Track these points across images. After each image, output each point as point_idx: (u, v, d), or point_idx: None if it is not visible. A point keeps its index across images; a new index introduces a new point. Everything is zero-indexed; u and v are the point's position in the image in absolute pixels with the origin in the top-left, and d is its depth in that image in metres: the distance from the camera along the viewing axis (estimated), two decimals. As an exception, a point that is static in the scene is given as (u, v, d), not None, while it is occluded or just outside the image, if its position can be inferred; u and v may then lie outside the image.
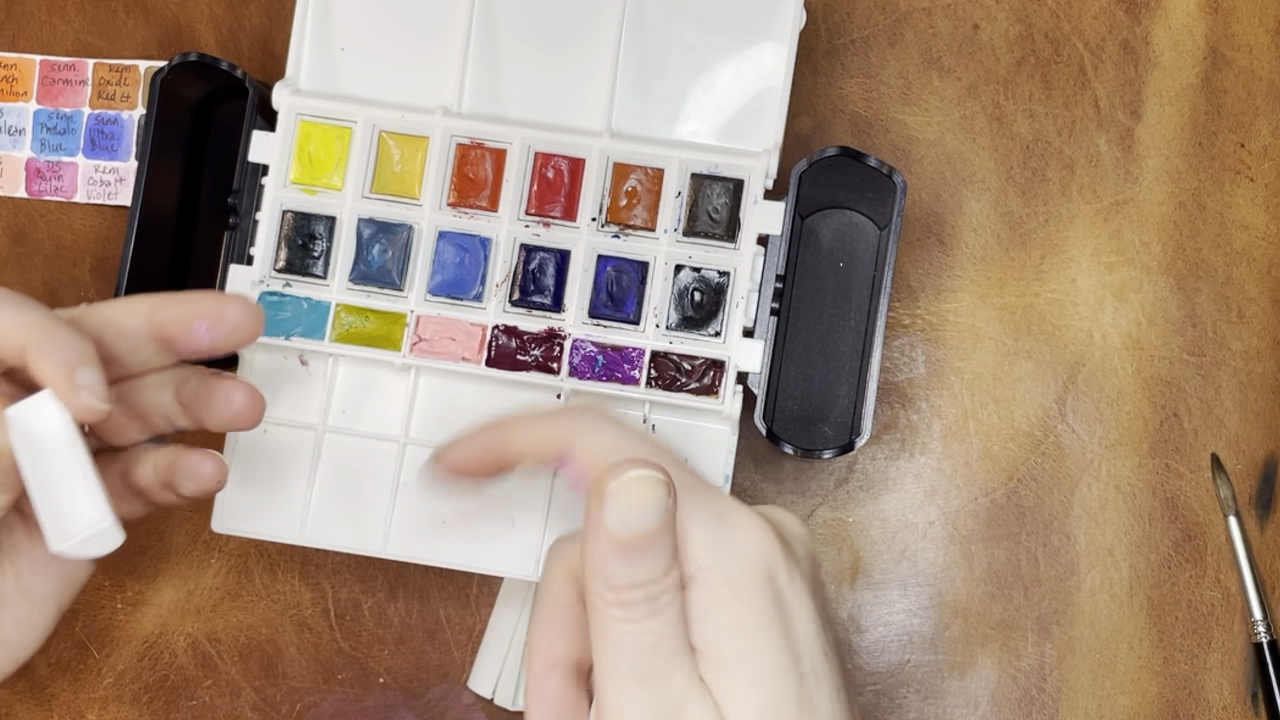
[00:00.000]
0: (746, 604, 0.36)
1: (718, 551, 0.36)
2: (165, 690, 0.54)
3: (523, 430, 0.40)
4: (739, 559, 0.36)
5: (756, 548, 0.36)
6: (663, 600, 0.35)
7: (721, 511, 0.37)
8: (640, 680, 0.35)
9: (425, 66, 0.50)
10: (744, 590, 0.36)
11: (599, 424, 0.39)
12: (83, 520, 0.39)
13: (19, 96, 0.56)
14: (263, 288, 0.49)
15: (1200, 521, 0.53)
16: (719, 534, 0.36)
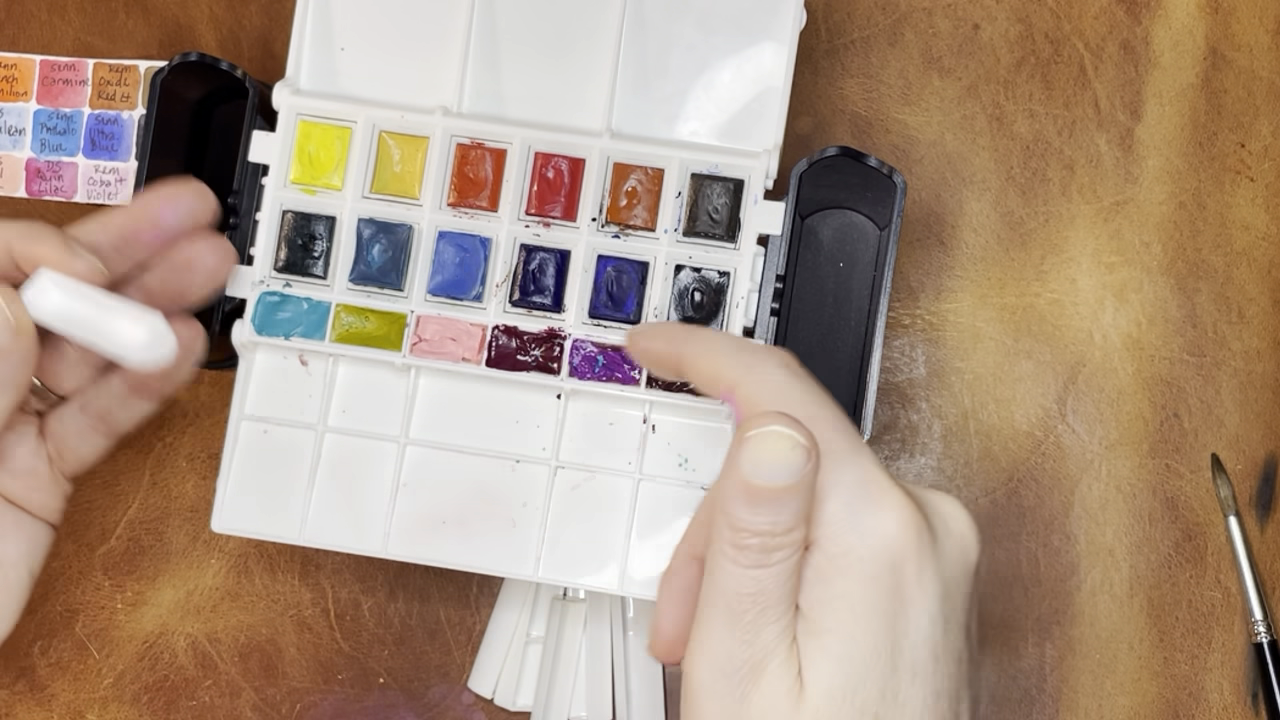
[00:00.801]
0: (859, 583, 0.36)
1: (849, 524, 0.36)
2: (165, 690, 0.54)
3: (703, 354, 0.40)
4: (868, 537, 0.36)
5: (891, 531, 0.36)
6: (777, 555, 0.35)
7: (870, 485, 0.37)
8: (731, 621, 0.36)
9: (425, 66, 0.50)
10: (861, 569, 0.36)
11: (771, 369, 0.38)
12: (140, 332, 0.42)
13: (19, 96, 0.56)
14: (263, 288, 0.49)
15: (1200, 521, 0.53)
16: (857, 507, 0.36)
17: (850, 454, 0.37)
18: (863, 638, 0.36)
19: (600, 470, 0.48)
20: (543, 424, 0.49)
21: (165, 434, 0.55)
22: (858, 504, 0.36)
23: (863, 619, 0.36)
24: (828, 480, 0.36)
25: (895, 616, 0.36)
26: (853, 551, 0.36)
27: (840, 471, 0.36)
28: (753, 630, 0.36)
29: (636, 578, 0.48)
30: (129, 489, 0.55)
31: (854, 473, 0.37)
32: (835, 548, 0.36)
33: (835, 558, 0.36)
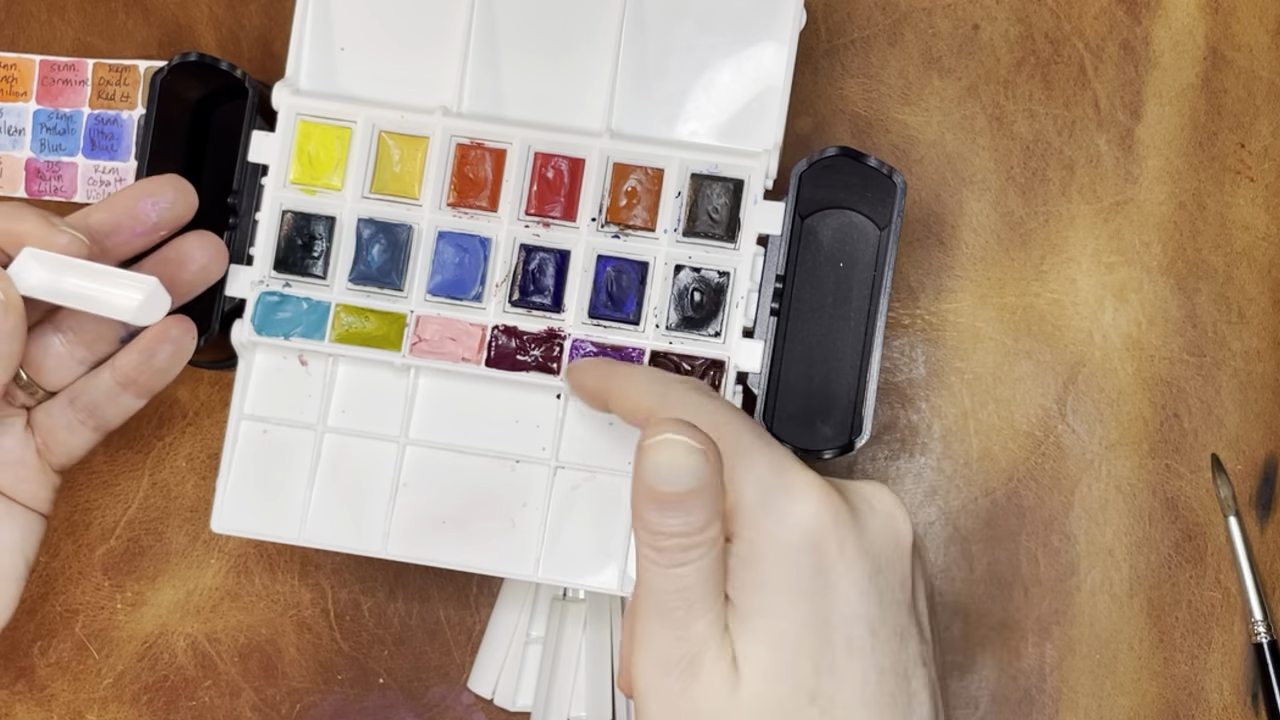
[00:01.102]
0: (780, 565, 0.37)
1: (765, 510, 0.37)
2: (165, 690, 0.54)
3: (625, 387, 0.43)
4: (785, 520, 0.37)
5: (807, 510, 0.37)
6: (695, 552, 0.37)
7: (782, 473, 0.38)
8: (663, 619, 0.37)
9: (425, 66, 0.50)
10: (781, 552, 0.37)
11: (683, 393, 0.41)
12: (133, 293, 0.43)
13: (19, 96, 0.56)
14: (262, 288, 0.49)
15: (1200, 522, 0.53)
16: (772, 494, 0.37)
17: (760, 447, 0.38)
18: (790, 616, 0.37)
19: (600, 470, 0.48)
20: (543, 424, 0.49)
21: (165, 434, 0.55)
22: (771, 491, 0.37)
23: (788, 598, 0.37)
24: (740, 472, 0.38)
25: (821, 592, 0.37)
26: (771, 536, 0.37)
27: (752, 462, 0.38)
28: (684, 625, 0.37)
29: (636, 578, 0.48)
30: (129, 489, 0.55)
31: (765, 463, 0.38)
32: (754, 534, 0.37)
33: (755, 544, 0.37)
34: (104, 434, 0.47)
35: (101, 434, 0.47)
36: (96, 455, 0.54)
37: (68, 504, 0.54)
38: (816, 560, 0.37)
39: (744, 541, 0.38)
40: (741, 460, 0.38)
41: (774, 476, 0.38)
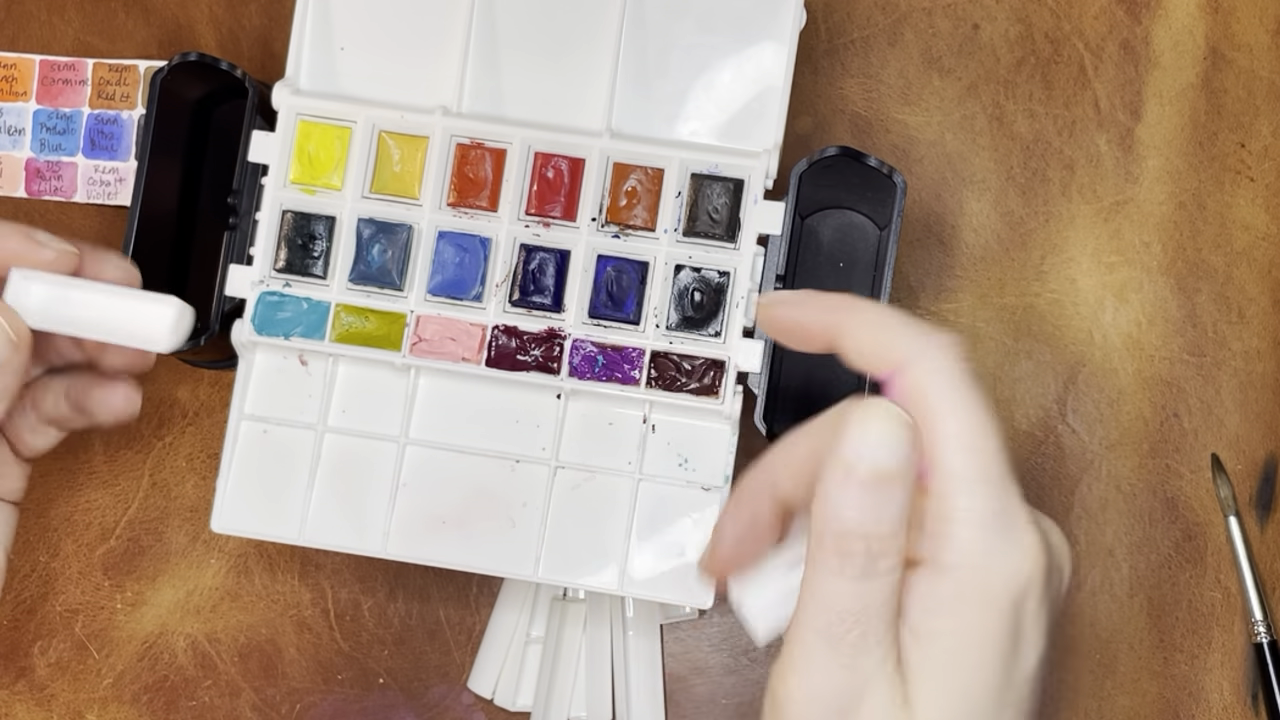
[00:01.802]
0: (985, 617, 0.34)
1: (986, 553, 0.34)
2: (165, 690, 0.54)
3: (870, 324, 0.36)
4: (1002, 572, 0.34)
5: (1024, 569, 0.34)
6: (882, 565, 0.33)
7: (1010, 516, 0.34)
8: (832, 643, 0.33)
9: (425, 66, 0.50)
10: (990, 603, 0.34)
11: (949, 360, 0.35)
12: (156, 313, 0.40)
13: (19, 96, 0.56)
14: (262, 288, 0.49)
15: (1200, 522, 0.53)
16: (996, 536, 0.34)
17: (997, 480, 0.34)
18: (980, 678, 0.34)
19: (600, 470, 0.48)
20: (543, 424, 0.49)
21: (165, 434, 0.55)
22: (1000, 533, 0.34)
23: (983, 659, 0.34)
24: (974, 503, 0.34)
25: (1012, 654, 0.34)
26: (984, 583, 0.34)
27: (983, 496, 0.34)
28: (855, 651, 0.33)
29: (636, 578, 0.48)
30: (129, 489, 0.55)
31: (996, 500, 0.34)
32: (966, 576, 0.34)
33: (964, 585, 0.34)
34: (68, 433, 0.46)
35: (66, 432, 0.46)
36: (96, 455, 0.54)
37: (68, 504, 0.54)
38: (1017, 620, 0.34)
39: (951, 579, 0.34)
40: (977, 487, 0.34)
41: (1003, 517, 0.34)
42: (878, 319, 0.36)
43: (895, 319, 0.36)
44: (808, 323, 0.38)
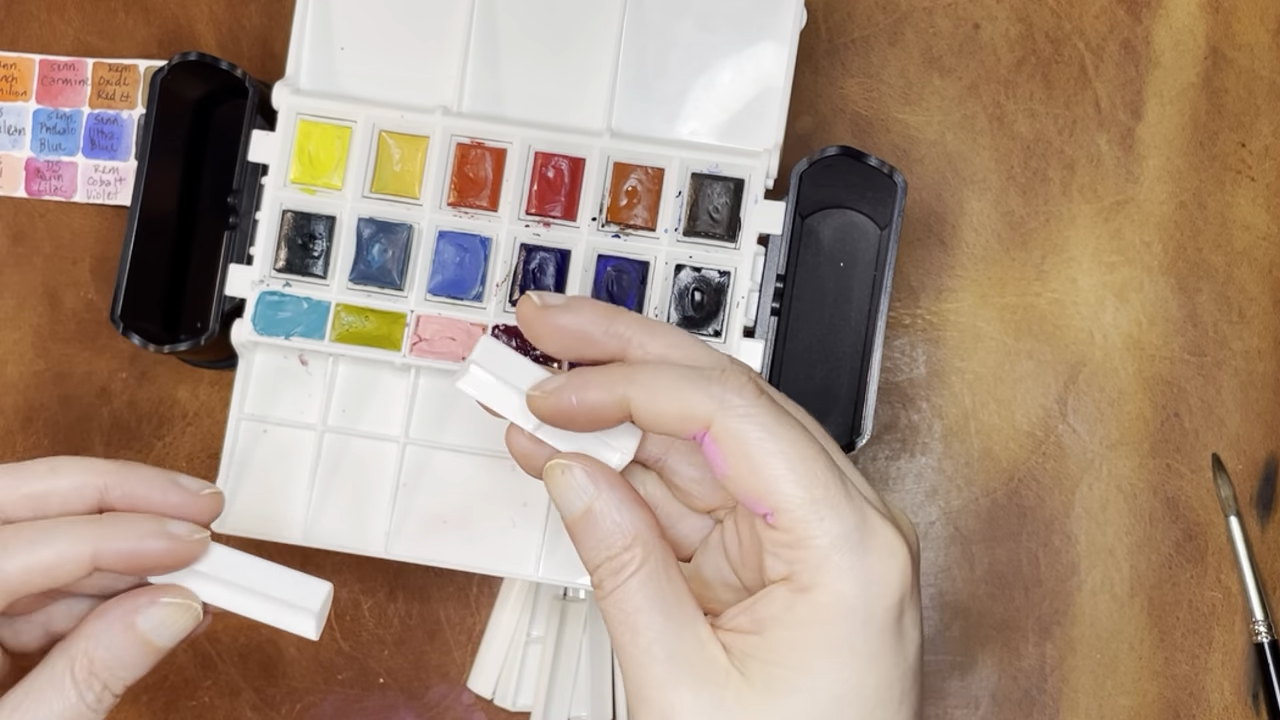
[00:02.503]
0: (863, 634, 0.35)
1: (848, 573, 0.35)
2: (165, 690, 0.54)
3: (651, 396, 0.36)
4: (871, 589, 0.35)
5: (891, 576, 0.35)
6: (627, 570, 0.36)
7: (863, 528, 0.35)
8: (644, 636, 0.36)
9: (425, 66, 0.50)
10: (868, 621, 0.35)
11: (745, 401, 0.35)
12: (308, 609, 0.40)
13: (18, 96, 0.56)
14: (262, 287, 0.49)
15: (1201, 521, 0.53)
16: (855, 554, 0.35)
17: (841, 499, 0.35)
18: (863, 678, 0.35)
19: (600, 470, 0.48)
20: (543, 424, 0.49)
21: (165, 434, 0.55)
22: (854, 553, 0.35)
23: (866, 663, 0.35)
24: (817, 529, 0.35)
25: (897, 653, 0.35)
26: (851, 600, 0.35)
27: (831, 520, 0.35)
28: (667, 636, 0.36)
29: (637, 578, 0.48)
30: (129, 489, 0.54)
31: (846, 519, 0.35)
32: (830, 593, 0.35)
33: (825, 607, 0.35)
34: None
35: None
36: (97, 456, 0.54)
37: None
38: (898, 620, 0.35)
39: (807, 598, 0.35)
40: (814, 515, 0.35)
41: (857, 532, 0.35)
42: (663, 385, 0.36)
43: (678, 380, 0.35)
44: (594, 402, 0.36)
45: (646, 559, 0.36)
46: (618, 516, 0.36)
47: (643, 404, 0.36)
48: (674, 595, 0.36)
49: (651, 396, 0.36)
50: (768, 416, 0.35)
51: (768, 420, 0.35)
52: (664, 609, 0.36)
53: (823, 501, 0.35)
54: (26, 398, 0.55)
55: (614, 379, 0.36)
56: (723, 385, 0.35)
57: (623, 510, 0.36)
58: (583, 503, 0.36)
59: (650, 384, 0.36)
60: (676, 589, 0.36)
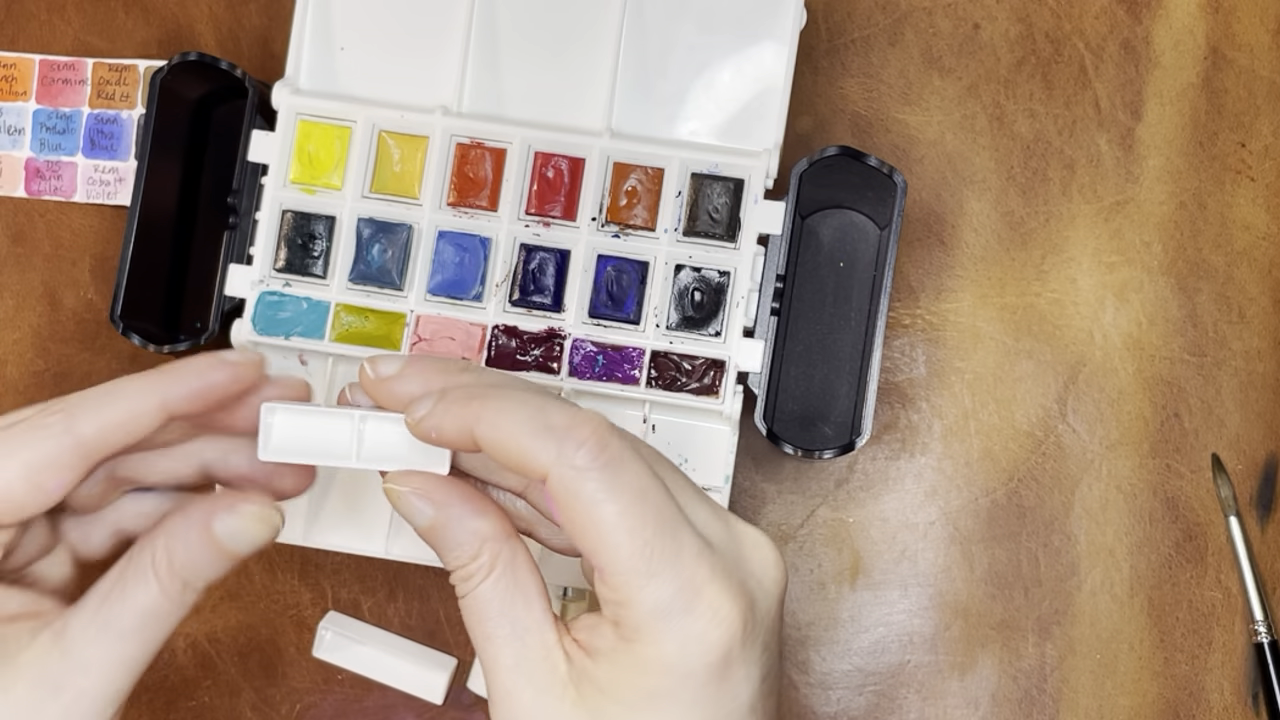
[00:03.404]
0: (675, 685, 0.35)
1: (666, 630, 0.35)
2: (165, 690, 0.54)
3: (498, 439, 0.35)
4: (690, 645, 0.35)
5: (712, 636, 0.35)
6: (474, 580, 0.37)
7: (688, 590, 0.35)
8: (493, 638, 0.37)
9: (425, 66, 0.50)
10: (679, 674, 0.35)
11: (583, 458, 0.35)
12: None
13: (18, 96, 0.56)
14: (262, 287, 0.49)
15: (1201, 522, 0.53)
16: (678, 617, 0.35)
17: (668, 559, 0.35)
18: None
19: (600, 470, 0.48)
20: (543, 424, 0.49)
21: (165, 434, 0.55)
22: (677, 617, 0.35)
23: (686, 709, 0.35)
24: (640, 594, 0.35)
25: (714, 700, 0.36)
26: (665, 659, 0.35)
27: (655, 585, 0.35)
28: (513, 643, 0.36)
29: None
30: (129, 489, 0.54)
31: (670, 583, 0.35)
32: (647, 650, 0.35)
33: (646, 660, 0.35)
34: None
35: None
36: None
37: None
38: (719, 675, 0.35)
39: (630, 648, 0.35)
40: (638, 578, 0.35)
41: (682, 595, 0.35)
42: (505, 433, 0.35)
43: (523, 425, 0.35)
44: (444, 427, 0.36)
45: (493, 568, 0.37)
46: (458, 530, 0.37)
47: (488, 448, 0.36)
48: (522, 601, 0.37)
49: (494, 442, 0.35)
50: (604, 476, 0.35)
51: (603, 480, 0.35)
52: (510, 616, 0.36)
53: (644, 571, 0.35)
54: (27, 398, 0.55)
55: (465, 417, 0.36)
56: (562, 440, 0.35)
57: (463, 522, 0.37)
58: (424, 520, 0.37)
59: (493, 428, 0.35)
60: (526, 594, 0.37)
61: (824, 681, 0.53)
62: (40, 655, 0.36)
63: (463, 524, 0.37)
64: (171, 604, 0.36)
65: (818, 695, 0.53)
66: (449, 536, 0.37)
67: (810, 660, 0.53)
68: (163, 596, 0.36)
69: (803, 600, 0.53)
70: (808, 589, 0.53)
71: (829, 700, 0.53)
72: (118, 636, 0.36)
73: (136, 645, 0.36)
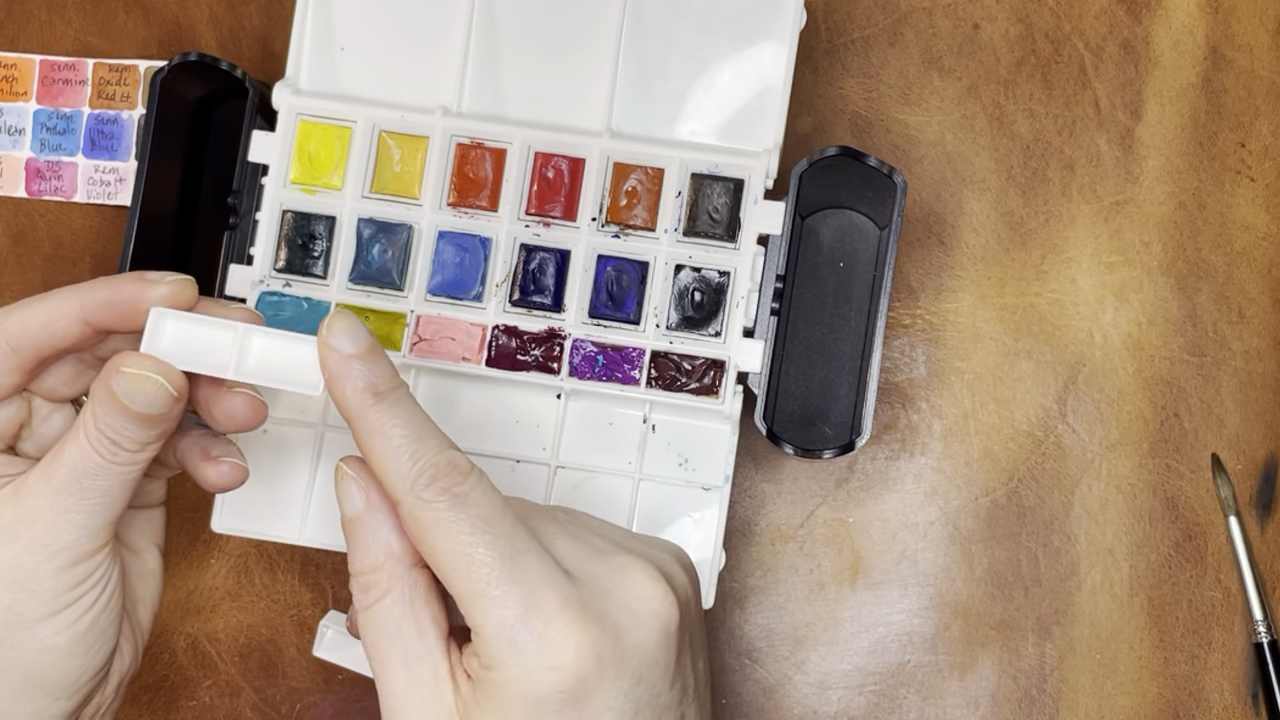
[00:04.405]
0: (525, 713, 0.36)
1: (510, 658, 0.36)
2: (165, 690, 0.54)
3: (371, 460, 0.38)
4: (536, 675, 0.36)
5: (563, 665, 0.36)
6: (374, 593, 0.38)
7: (533, 618, 0.36)
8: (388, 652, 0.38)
9: (425, 66, 0.50)
10: (526, 702, 0.36)
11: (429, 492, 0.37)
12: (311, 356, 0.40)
13: (19, 96, 0.56)
14: (263, 288, 0.49)
15: (1201, 521, 0.53)
16: (523, 644, 0.36)
17: (495, 590, 0.36)
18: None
19: (600, 470, 0.48)
20: (543, 424, 0.49)
21: (165, 434, 0.55)
22: (522, 644, 0.36)
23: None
24: (480, 619, 0.36)
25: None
26: (516, 686, 0.36)
27: (494, 610, 0.36)
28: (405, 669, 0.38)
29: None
30: (129, 489, 0.54)
31: (509, 609, 0.36)
32: (500, 676, 0.36)
33: (501, 687, 0.36)
34: None
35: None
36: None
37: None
38: (572, 703, 0.36)
39: (488, 674, 0.36)
40: (479, 600, 0.36)
41: (524, 622, 0.36)
42: (379, 444, 0.38)
43: (384, 453, 0.38)
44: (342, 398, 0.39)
45: (391, 588, 0.38)
46: (372, 536, 0.38)
47: (362, 452, 0.39)
48: (415, 630, 0.38)
49: (364, 451, 0.38)
50: (446, 505, 0.37)
51: (445, 509, 0.37)
52: (403, 643, 0.38)
53: (482, 594, 0.36)
54: (27, 398, 0.55)
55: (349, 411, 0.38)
56: (420, 472, 0.37)
57: (381, 532, 0.38)
58: (353, 510, 0.39)
59: (367, 439, 0.38)
60: (419, 623, 0.38)
61: (824, 681, 0.53)
62: (1, 505, 0.40)
63: (378, 532, 0.38)
64: (104, 461, 0.39)
65: (818, 695, 0.53)
66: (362, 537, 0.38)
67: (810, 660, 0.53)
68: (92, 451, 0.39)
69: (803, 600, 0.53)
70: (808, 589, 0.53)
71: (829, 700, 0.53)
72: (56, 489, 0.39)
73: (74, 498, 0.39)
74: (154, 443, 0.40)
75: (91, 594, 0.40)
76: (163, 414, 0.39)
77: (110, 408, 0.39)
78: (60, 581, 0.39)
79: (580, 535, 0.39)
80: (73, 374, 0.43)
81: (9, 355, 0.40)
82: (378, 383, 0.38)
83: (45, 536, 0.39)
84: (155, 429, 0.39)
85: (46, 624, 0.39)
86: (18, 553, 0.39)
